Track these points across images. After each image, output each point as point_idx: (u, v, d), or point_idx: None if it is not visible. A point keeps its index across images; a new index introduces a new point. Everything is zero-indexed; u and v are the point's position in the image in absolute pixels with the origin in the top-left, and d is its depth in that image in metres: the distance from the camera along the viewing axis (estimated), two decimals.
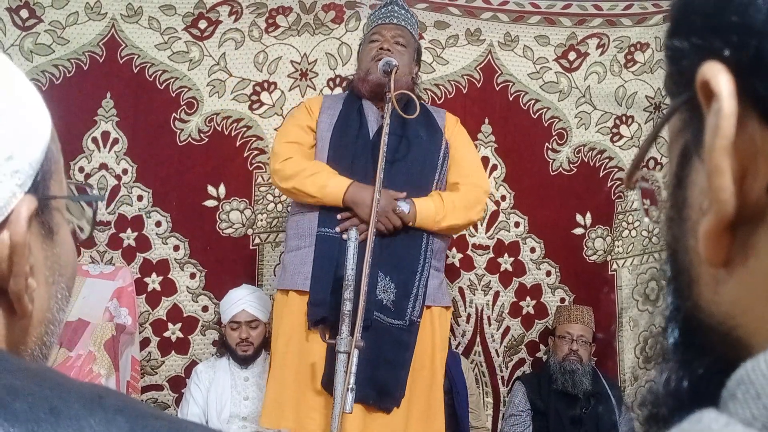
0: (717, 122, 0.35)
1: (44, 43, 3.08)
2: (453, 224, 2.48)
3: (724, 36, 0.35)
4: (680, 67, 0.39)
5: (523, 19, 3.44)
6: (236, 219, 3.25)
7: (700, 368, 0.38)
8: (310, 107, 2.62)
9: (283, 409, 2.37)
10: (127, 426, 0.46)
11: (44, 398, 0.45)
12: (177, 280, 3.20)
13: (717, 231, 0.35)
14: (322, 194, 2.37)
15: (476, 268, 3.45)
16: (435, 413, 2.47)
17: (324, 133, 2.52)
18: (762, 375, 0.30)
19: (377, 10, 2.63)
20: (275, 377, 2.42)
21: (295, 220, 2.52)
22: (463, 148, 2.63)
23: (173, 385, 3.17)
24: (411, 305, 2.38)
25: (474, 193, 2.53)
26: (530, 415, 3.19)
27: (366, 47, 2.57)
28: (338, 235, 2.36)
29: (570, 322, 3.25)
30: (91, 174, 3.14)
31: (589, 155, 3.53)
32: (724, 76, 0.35)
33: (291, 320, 2.41)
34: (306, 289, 2.39)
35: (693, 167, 0.39)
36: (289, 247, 2.53)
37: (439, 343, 2.50)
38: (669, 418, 0.39)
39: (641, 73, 3.52)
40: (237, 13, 3.22)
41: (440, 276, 2.56)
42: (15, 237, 0.53)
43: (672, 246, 0.41)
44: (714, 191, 0.35)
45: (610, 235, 3.54)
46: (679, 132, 0.40)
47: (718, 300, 0.37)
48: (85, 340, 2.76)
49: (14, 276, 0.54)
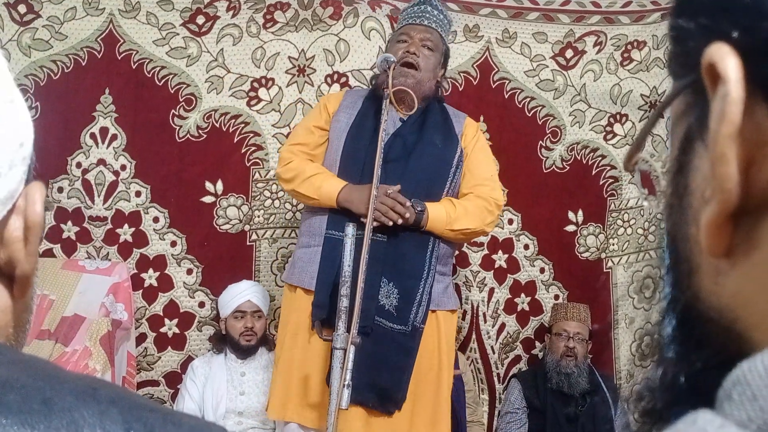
0: (723, 108, 0.33)
1: (42, 39, 3.07)
2: (466, 227, 2.42)
3: (734, 18, 0.34)
4: (685, 48, 0.38)
5: (522, 16, 3.44)
6: (233, 215, 3.25)
7: (697, 362, 0.37)
8: (327, 105, 2.59)
9: (289, 402, 2.38)
10: (121, 418, 0.46)
11: (37, 390, 0.45)
12: (174, 275, 3.20)
13: (719, 221, 0.34)
14: (319, 195, 2.39)
15: (471, 264, 3.45)
16: (441, 417, 2.45)
17: (339, 133, 2.49)
18: (759, 376, 0.30)
19: (410, 6, 2.58)
20: (280, 371, 2.43)
21: (307, 217, 2.53)
22: (478, 158, 2.56)
23: (169, 381, 3.17)
24: (414, 311, 2.36)
25: (485, 203, 2.47)
26: (526, 413, 3.20)
27: (392, 47, 2.52)
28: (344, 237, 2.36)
29: (566, 319, 3.26)
30: (89, 169, 3.14)
31: (582, 153, 3.53)
32: (732, 60, 0.33)
33: (299, 316, 2.42)
34: (311, 288, 2.40)
35: (696, 152, 0.37)
36: (301, 243, 2.53)
37: (445, 347, 2.47)
38: (664, 412, 0.38)
39: (637, 71, 3.52)
40: (235, 9, 3.22)
41: (446, 280, 2.52)
42: (34, 217, 0.55)
43: (672, 234, 0.40)
44: (718, 180, 0.34)
45: (603, 232, 3.55)
46: (683, 115, 0.39)
47: (719, 291, 0.36)
48: (80, 336, 2.76)
49: (29, 255, 0.55)
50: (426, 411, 2.41)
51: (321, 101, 2.70)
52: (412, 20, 2.52)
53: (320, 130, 2.54)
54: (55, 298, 2.87)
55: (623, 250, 3.58)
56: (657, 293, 3.50)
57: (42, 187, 0.57)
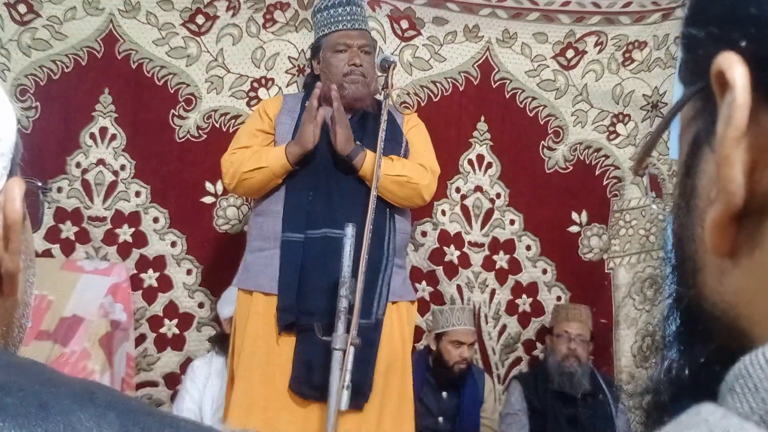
0: (730, 113, 0.35)
1: (42, 39, 3.07)
2: (402, 173, 2.46)
3: (742, 27, 0.35)
4: (696, 56, 0.39)
5: (522, 16, 3.44)
6: (233, 215, 3.25)
7: (701, 357, 0.38)
8: (266, 110, 2.62)
9: (251, 410, 2.36)
10: (118, 422, 0.46)
11: (34, 393, 0.45)
12: (173, 276, 3.19)
13: (723, 221, 0.35)
14: (267, 162, 2.41)
15: (473, 265, 3.45)
16: (406, 407, 2.49)
17: (285, 136, 2.52)
18: (760, 368, 0.30)
19: (334, 8, 2.57)
20: (242, 377, 2.40)
21: (259, 221, 2.53)
22: (416, 138, 2.65)
23: (168, 382, 3.17)
24: (376, 304, 2.40)
25: (422, 167, 2.53)
26: (527, 415, 3.19)
27: (331, 57, 2.54)
28: (302, 239, 2.38)
29: (568, 320, 3.25)
30: (89, 169, 3.14)
31: (585, 153, 3.53)
32: (739, 67, 0.35)
33: (257, 321, 2.41)
34: (271, 292, 2.40)
35: (703, 157, 0.38)
36: (252, 248, 2.53)
37: (407, 337, 2.54)
38: (669, 405, 0.39)
39: (639, 71, 3.52)
40: (234, 9, 3.21)
41: (403, 272, 2.59)
42: (13, 215, 0.55)
43: (678, 234, 0.41)
44: (722, 181, 0.35)
45: (606, 233, 3.55)
46: (691, 121, 0.40)
47: (722, 290, 0.37)
48: (79, 337, 2.76)
49: (11, 254, 0.55)
50: (392, 402, 2.44)
51: (259, 107, 2.72)
52: (343, 25, 2.55)
53: (263, 133, 2.58)
54: (53, 298, 2.87)
55: (625, 250, 3.58)
56: (659, 294, 3.50)
57: (22, 183, 0.57)
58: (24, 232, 0.59)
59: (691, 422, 0.31)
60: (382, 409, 2.40)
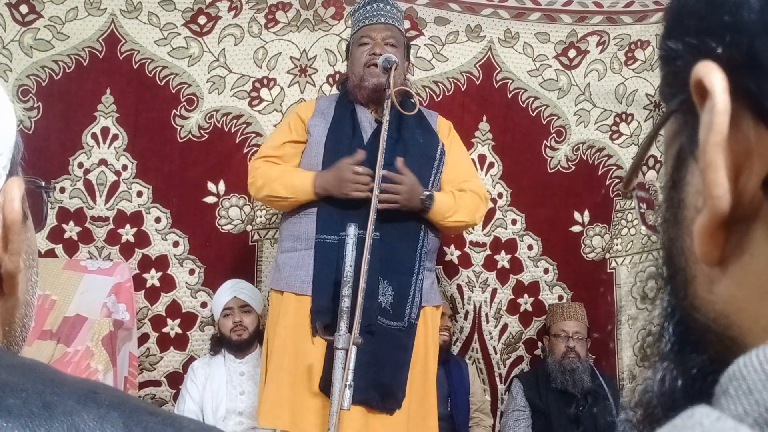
0: (711, 119, 0.35)
1: (44, 39, 3.07)
2: (461, 220, 2.47)
3: (717, 35, 0.35)
4: (675, 68, 0.39)
5: (524, 16, 3.44)
6: (235, 215, 3.25)
7: (694, 368, 0.38)
8: (300, 114, 2.60)
9: (280, 410, 2.36)
10: (121, 421, 0.46)
11: (37, 393, 0.45)
12: (176, 276, 3.20)
13: (711, 228, 0.35)
14: (294, 193, 2.40)
15: (474, 265, 3.45)
16: (429, 410, 2.48)
17: (318, 138, 2.51)
18: (754, 370, 0.31)
19: (362, 7, 2.58)
20: (272, 378, 2.40)
21: (291, 221, 2.51)
22: (458, 155, 2.62)
23: (171, 381, 3.17)
24: (409, 307, 2.39)
25: (478, 198, 2.53)
26: (528, 414, 3.19)
27: (356, 50, 2.53)
28: (337, 241, 2.36)
29: (564, 319, 3.26)
30: (91, 169, 3.14)
31: (587, 153, 3.53)
32: (717, 74, 0.35)
33: (287, 321, 2.40)
34: (303, 293, 2.39)
35: (688, 169, 0.39)
36: (284, 248, 2.51)
37: (431, 341, 2.51)
38: (663, 418, 0.39)
39: (642, 70, 3.52)
40: (236, 9, 3.22)
41: (432, 276, 2.56)
42: (12, 215, 0.55)
43: (668, 247, 0.41)
44: (708, 187, 0.35)
45: (609, 233, 3.54)
46: (675, 135, 0.41)
47: (713, 299, 0.37)
48: (82, 336, 2.76)
49: (11, 254, 0.55)
50: (417, 405, 2.43)
51: (292, 115, 2.69)
52: (369, 20, 2.52)
53: (293, 144, 2.56)
54: (56, 298, 2.87)
55: (627, 250, 3.58)
56: (659, 296, 3.50)
57: (21, 182, 0.56)
58: (26, 232, 0.59)
59: (685, 425, 0.31)
60: (409, 413, 2.40)
